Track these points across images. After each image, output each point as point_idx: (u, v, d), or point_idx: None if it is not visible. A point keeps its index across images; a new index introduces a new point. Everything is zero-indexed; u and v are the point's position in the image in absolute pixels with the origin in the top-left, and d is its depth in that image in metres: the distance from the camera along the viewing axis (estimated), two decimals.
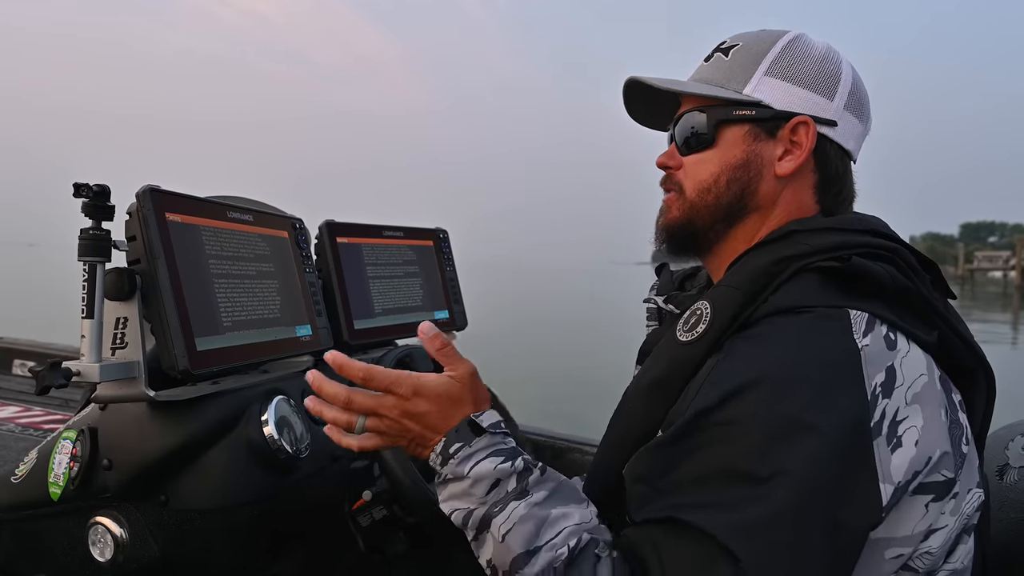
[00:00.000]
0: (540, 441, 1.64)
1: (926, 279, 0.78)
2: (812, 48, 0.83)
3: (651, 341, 0.95)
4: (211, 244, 1.05)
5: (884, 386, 0.67)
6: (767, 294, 0.74)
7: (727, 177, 0.82)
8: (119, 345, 0.96)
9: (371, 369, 0.76)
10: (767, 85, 0.82)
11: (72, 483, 1.03)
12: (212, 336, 1.00)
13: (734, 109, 0.82)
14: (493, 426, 0.77)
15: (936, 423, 0.69)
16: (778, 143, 0.82)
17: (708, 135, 0.83)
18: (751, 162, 0.82)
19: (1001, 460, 0.98)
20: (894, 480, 0.66)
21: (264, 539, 1.18)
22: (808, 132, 0.80)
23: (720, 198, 0.83)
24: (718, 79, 0.84)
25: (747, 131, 0.82)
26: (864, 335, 0.69)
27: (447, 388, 0.77)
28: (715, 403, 0.67)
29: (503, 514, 0.72)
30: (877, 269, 0.72)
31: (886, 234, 0.79)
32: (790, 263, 0.74)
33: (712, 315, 0.74)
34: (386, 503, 1.15)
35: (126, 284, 0.94)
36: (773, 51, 0.82)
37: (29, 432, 1.53)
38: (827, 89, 0.82)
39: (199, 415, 1.04)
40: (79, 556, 1.05)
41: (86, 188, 0.92)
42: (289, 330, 1.18)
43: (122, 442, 1.02)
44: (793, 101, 0.81)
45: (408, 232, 1.59)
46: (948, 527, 0.70)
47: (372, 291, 1.46)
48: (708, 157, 0.83)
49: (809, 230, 0.78)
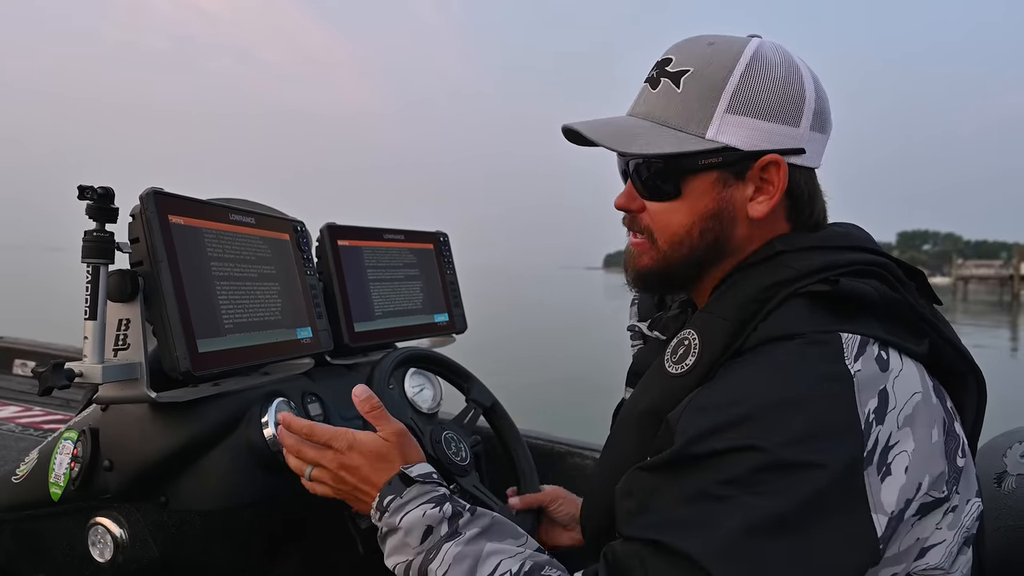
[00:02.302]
0: (540, 446, 1.64)
1: (912, 287, 0.77)
2: (772, 70, 0.75)
3: (640, 362, 0.94)
4: (213, 246, 1.05)
5: (877, 412, 0.66)
6: (756, 322, 0.72)
7: (700, 228, 0.78)
8: (121, 346, 0.96)
9: (312, 426, 0.87)
10: (730, 124, 0.75)
11: (73, 483, 1.04)
12: (213, 338, 1.01)
13: (699, 159, 0.76)
14: (423, 476, 0.81)
15: (927, 445, 0.68)
16: (748, 183, 0.77)
17: (674, 185, 0.78)
18: (723, 210, 0.77)
19: (999, 468, 0.97)
20: (887, 511, 0.64)
21: (263, 541, 1.19)
22: (780, 171, 0.76)
23: (695, 249, 0.79)
24: (672, 119, 0.76)
25: (715, 178, 0.77)
26: (856, 359, 0.67)
27: (377, 446, 0.84)
28: (707, 431, 0.66)
29: (437, 559, 0.74)
30: (866, 289, 0.71)
31: (870, 248, 0.78)
32: (778, 289, 0.72)
33: (701, 346, 0.73)
34: None
35: (129, 286, 0.94)
36: (731, 81, 0.75)
37: (29, 432, 1.54)
38: (792, 116, 0.76)
39: (200, 417, 1.04)
40: (79, 556, 1.06)
41: (90, 190, 0.93)
42: (290, 332, 1.18)
43: (123, 443, 1.03)
44: (759, 138, 0.75)
45: (409, 235, 1.60)
46: (947, 541, 0.69)
47: (372, 294, 1.46)
48: (676, 208, 0.78)
49: (795, 250, 0.76)
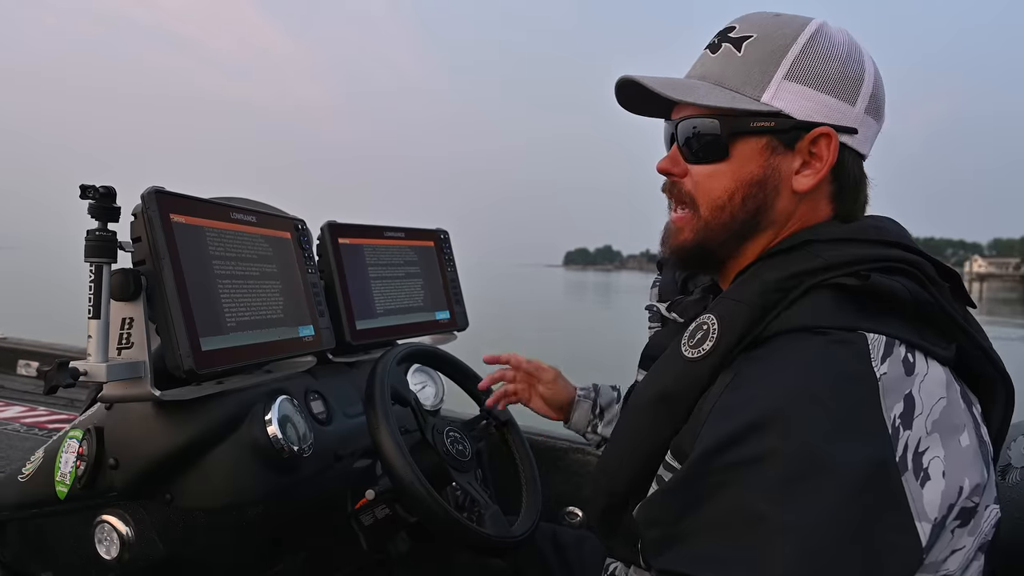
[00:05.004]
0: (541, 443, 1.64)
1: (946, 289, 0.72)
2: (835, 45, 0.74)
3: (655, 345, 0.91)
4: (215, 245, 1.06)
5: (903, 417, 0.62)
6: (779, 310, 0.69)
7: (743, 194, 0.76)
8: (125, 345, 0.97)
9: None
10: (787, 91, 0.74)
11: (79, 482, 1.05)
12: (216, 336, 1.01)
13: (751, 120, 0.74)
14: None
15: (958, 449, 0.65)
16: (796, 155, 0.75)
17: (722, 146, 0.75)
18: (768, 178, 0.75)
19: (1003, 461, 0.95)
20: (930, 517, 0.60)
21: (268, 538, 1.19)
22: (830, 145, 0.74)
23: (735, 216, 0.77)
24: (730, 80, 0.75)
25: (765, 144, 0.75)
26: (882, 361, 0.64)
27: None
28: (726, 440, 0.62)
29: None
30: (897, 287, 0.67)
31: (904, 244, 0.73)
32: (803, 279, 0.70)
33: (720, 332, 0.70)
34: (388, 502, 1.16)
35: (132, 285, 0.95)
36: (793, 49, 0.74)
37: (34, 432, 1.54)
38: (850, 93, 0.74)
39: (204, 415, 1.05)
40: (85, 554, 1.06)
41: (92, 190, 0.93)
42: (292, 330, 1.19)
43: (128, 441, 1.04)
44: (814, 109, 0.74)
45: (409, 233, 1.60)
46: (966, 548, 0.66)
47: (374, 291, 1.47)
48: (721, 170, 0.76)
49: (824, 240, 0.73)
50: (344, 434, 1.29)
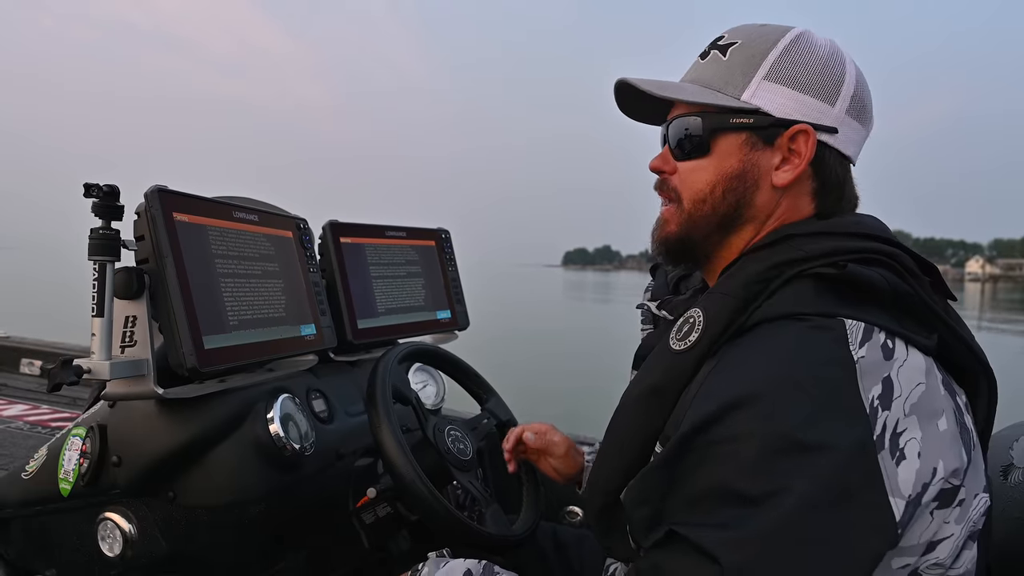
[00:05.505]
0: None
1: (925, 282, 0.75)
2: (815, 49, 0.79)
3: (647, 345, 0.94)
4: (217, 244, 1.06)
5: (882, 398, 0.65)
6: (761, 300, 0.72)
7: (723, 187, 0.80)
8: (128, 343, 0.97)
9: None
10: (766, 90, 0.78)
11: (82, 479, 1.05)
12: (219, 334, 1.02)
13: (731, 117, 0.79)
14: None
15: (935, 433, 0.66)
16: (776, 151, 0.79)
17: (703, 142, 0.80)
18: (747, 172, 0.79)
19: (1005, 460, 0.96)
20: (904, 494, 0.63)
21: (269, 535, 1.20)
22: (808, 141, 0.77)
23: (716, 208, 0.81)
24: (714, 82, 0.80)
25: (744, 139, 0.79)
26: (860, 346, 0.67)
27: None
28: (709, 419, 0.65)
29: None
30: (874, 276, 0.70)
31: (883, 238, 0.76)
32: (784, 269, 0.73)
33: (705, 323, 0.73)
34: (390, 501, 1.16)
35: (135, 283, 0.95)
36: (774, 52, 0.78)
37: (37, 430, 1.55)
38: (829, 94, 0.78)
39: (206, 413, 1.06)
40: (88, 551, 1.07)
41: (96, 188, 0.94)
42: (294, 329, 1.19)
43: (131, 439, 1.04)
44: (793, 107, 0.78)
45: (411, 232, 1.61)
46: (955, 536, 0.68)
47: (375, 291, 1.47)
48: (703, 165, 0.81)
49: (804, 234, 0.76)
50: (346, 432, 1.30)
